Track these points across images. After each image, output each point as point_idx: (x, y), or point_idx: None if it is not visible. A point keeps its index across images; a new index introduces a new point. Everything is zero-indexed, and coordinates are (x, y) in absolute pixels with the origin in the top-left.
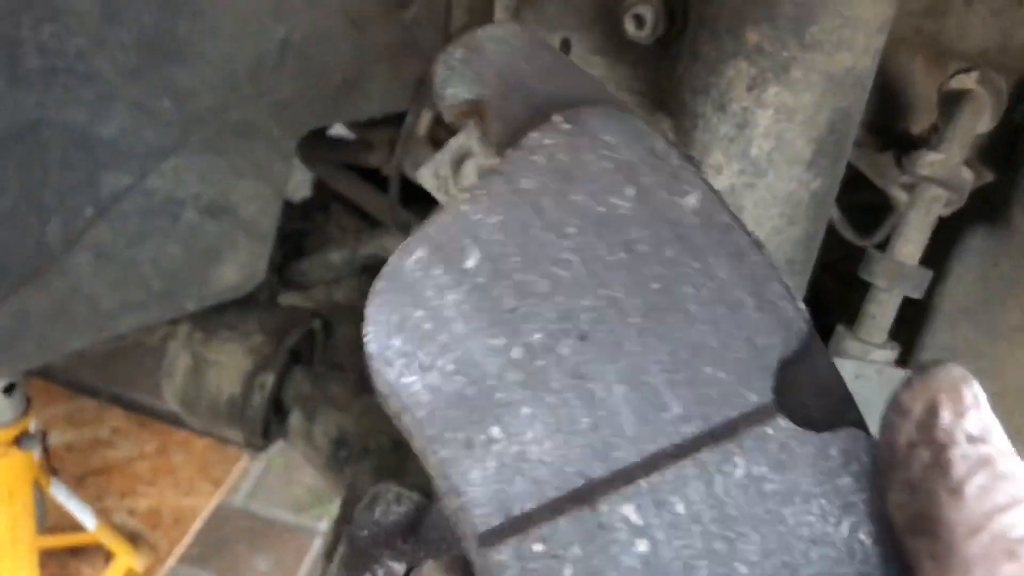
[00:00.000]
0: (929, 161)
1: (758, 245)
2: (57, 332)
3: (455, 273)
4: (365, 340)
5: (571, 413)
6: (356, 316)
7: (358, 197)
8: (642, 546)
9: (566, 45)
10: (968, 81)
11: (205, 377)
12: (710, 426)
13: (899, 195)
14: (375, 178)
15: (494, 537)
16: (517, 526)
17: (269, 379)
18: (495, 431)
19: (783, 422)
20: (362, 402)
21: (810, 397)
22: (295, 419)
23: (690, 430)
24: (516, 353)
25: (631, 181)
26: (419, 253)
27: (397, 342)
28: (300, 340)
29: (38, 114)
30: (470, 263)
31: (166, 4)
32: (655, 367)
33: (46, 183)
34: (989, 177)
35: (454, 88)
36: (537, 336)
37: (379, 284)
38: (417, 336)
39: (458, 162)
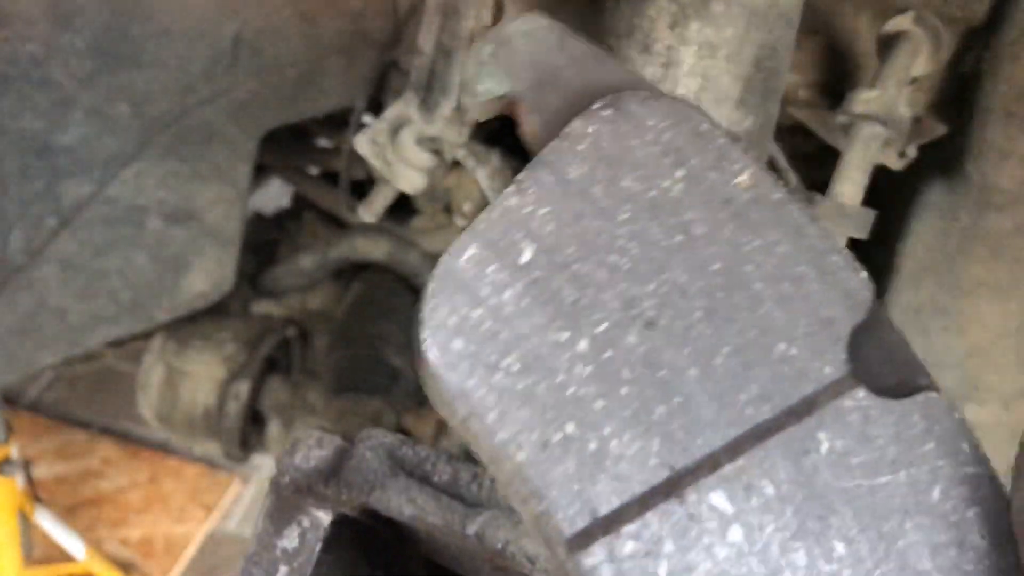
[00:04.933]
0: (864, 98)
1: (813, 218)
2: (26, 347)
3: (510, 269)
4: (423, 345)
5: (647, 404)
6: (331, 322)
7: (330, 202)
8: (735, 534)
9: (499, 7)
10: (904, 22)
11: (179, 388)
12: (789, 404)
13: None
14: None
15: (583, 539)
16: (606, 526)
17: (244, 388)
18: (570, 428)
19: (862, 393)
20: (337, 405)
21: (883, 366)
22: (273, 428)
23: (769, 409)
24: (583, 346)
25: (680, 163)
26: (471, 251)
27: (458, 344)
28: (276, 348)
29: None
30: (525, 257)
31: (116, 8)
32: (726, 348)
33: (5, 194)
34: (942, 130)
35: (486, 84)
36: (602, 327)
37: (432, 286)
38: (478, 336)
39: (395, 130)
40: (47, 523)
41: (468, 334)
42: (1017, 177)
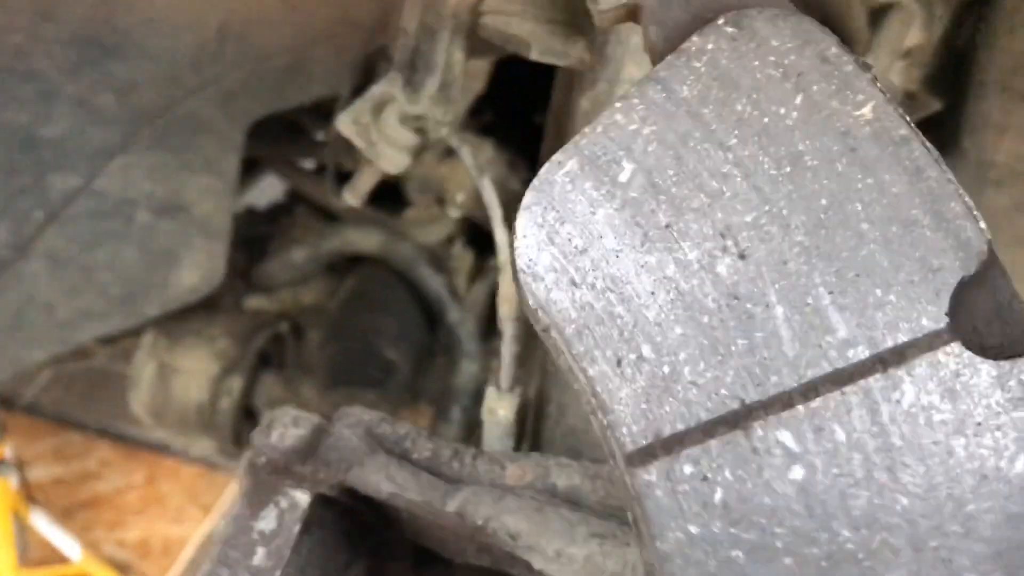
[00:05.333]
0: None
1: (937, 160)
2: (16, 344)
3: (607, 187)
4: (515, 254)
5: (727, 334)
6: (324, 316)
7: (322, 196)
8: (797, 473)
9: None
10: None
11: (172, 385)
12: (877, 351)
13: None
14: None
15: (643, 457)
16: (667, 447)
17: (237, 383)
18: (646, 350)
19: (957, 348)
20: (331, 400)
21: (988, 323)
22: None
23: (855, 355)
24: (670, 271)
25: (799, 89)
26: (570, 166)
27: (547, 257)
28: (269, 344)
29: None
30: (623, 177)
31: None
32: (820, 288)
33: None
34: (937, 105)
35: None
36: (693, 254)
37: (529, 197)
38: (567, 252)
39: (379, 108)
40: (42, 525)
41: (557, 248)
42: (1014, 152)
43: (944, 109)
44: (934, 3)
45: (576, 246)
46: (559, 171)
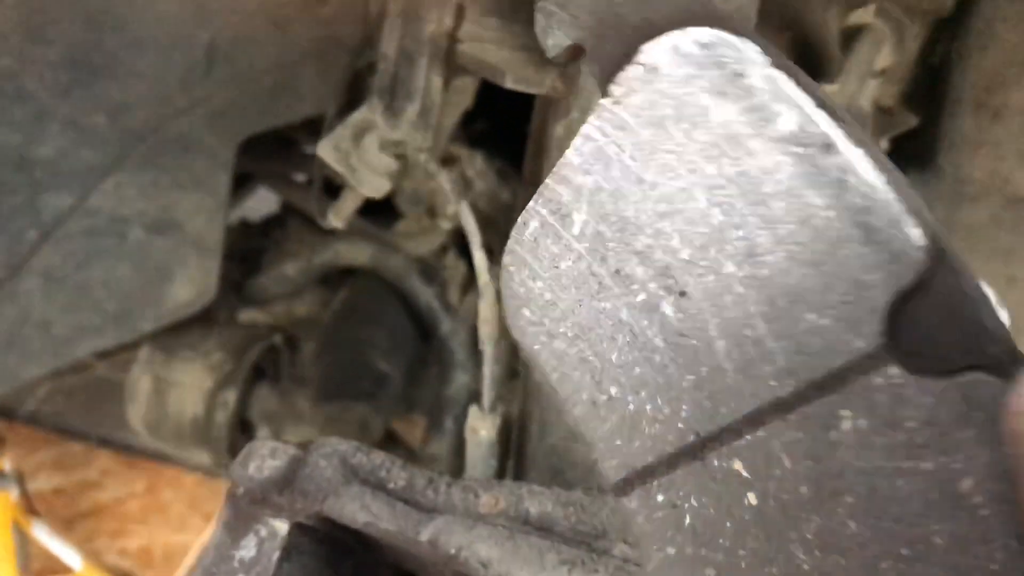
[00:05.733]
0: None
1: (868, 163)
2: (12, 360)
3: (564, 240)
4: (503, 312)
5: (677, 371)
6: (318, 329)
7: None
8: (752, 499)
9: (460, 11)
10: (865, 16)
11: (167, 399)
12: (813, 378)
13: None
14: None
15: (624, 487)
16: (641, 478)
17: (232, 396)
18: (614, 391)
19: (894, 370)
20: (324, 412)
21: (941, 329)
22: (262, 436)
23: (793, 383)
24: (624, 315)
25: (721, 111)
26: (532, 224)
27: (526, 313)
28: (264, 356)
29: None
30: (575, 229)
31: (89, 20)
32: (757, 318)
33: None
34: (913, 121)
35: (553, 37)
36: (640, 297)
37: (505, 258)
38: (541, 306)
39: (359, 135)
40: (43, 536)
41: (533, 303)
42: (989, 168)
43: (921, 125)
44: (905, 24)
45: (547, 300)
46: (525, 231)
